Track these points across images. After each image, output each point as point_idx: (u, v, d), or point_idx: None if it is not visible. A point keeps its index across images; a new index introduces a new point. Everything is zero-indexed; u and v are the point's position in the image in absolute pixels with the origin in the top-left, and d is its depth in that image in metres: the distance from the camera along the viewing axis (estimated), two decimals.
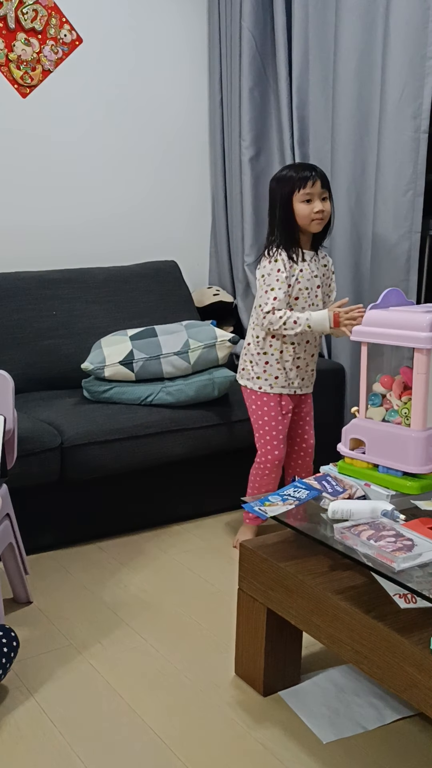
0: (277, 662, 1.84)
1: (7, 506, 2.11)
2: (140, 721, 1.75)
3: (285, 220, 2.40)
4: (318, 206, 2.37)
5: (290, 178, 2.39)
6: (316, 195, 2.37)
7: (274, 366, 2.48)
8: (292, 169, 2.42)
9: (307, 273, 2.44)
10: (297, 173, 2.38)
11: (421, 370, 1.77)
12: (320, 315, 2.36)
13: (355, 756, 1.64)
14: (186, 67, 3.54)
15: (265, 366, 2.49)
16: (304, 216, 2.38)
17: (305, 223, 2.39)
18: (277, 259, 2.40)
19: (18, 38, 3.09)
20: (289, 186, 2.38)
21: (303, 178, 2.36)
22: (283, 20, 3.15)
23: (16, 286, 3.02)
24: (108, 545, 2.66)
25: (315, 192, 2.37)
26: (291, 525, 1.75)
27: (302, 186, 2.36)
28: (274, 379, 2.49)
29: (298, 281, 2.42)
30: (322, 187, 2.39)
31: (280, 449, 2.52)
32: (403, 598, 1.57)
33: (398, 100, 2.65)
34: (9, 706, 1.80)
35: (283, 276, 2.39)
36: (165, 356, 2.74)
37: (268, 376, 2.49)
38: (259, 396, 2.52)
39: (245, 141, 3.33)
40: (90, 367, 2.74)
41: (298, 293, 2.44)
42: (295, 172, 2.39)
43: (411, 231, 2.73)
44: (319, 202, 2.37)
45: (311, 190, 2.36)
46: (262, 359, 2.49)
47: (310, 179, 2.36)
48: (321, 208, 2.37)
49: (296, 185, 2.36)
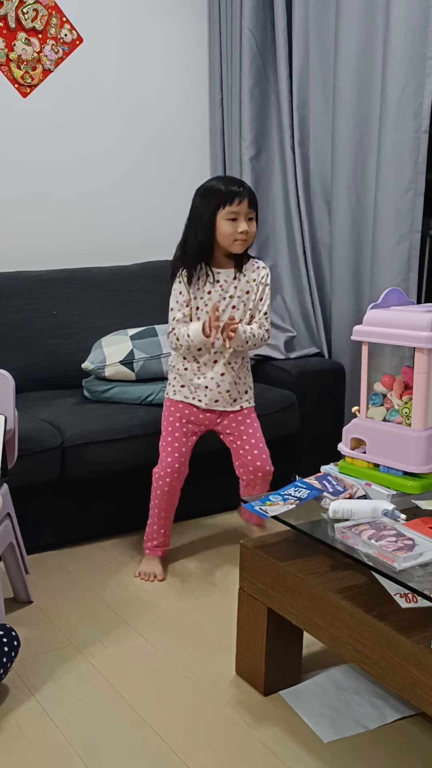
0: (277, 662, 1.84)
1: (7, 506, 2.11)
2: (141, 720, 1.75)
3: (202, 237, 2.23)
4: (243, 226, 2.20)
5: (217, 192, 2.21)
6: (243, 214, 2.21)
7: (182, 376, 2.39)
8: (221, 182, 2.24)
9: (216, 295, 2.29)
10: (225, 186, 2.21)
11: (421, 370, 1.77)
12: (196, 325, 2.24)
13: (355, 755, 1.64)
14: (186, 67, 3.53)
15: (173, 372, 2.42)
16: (226, 235, 2.21)
17: (226, 243, 2.23)
18: (180, 281, 2.30)
19: (18, 38, 3.09)
20: (215, 201, 2.20)
21: (230, 193, 2.19)
22: (284, 20, 3.15)
23: (16, 286, 3.02)
24: (108, 545, 2.66)
25: (241, 211, 2.20)
26: (292, 524, 1.75)
27: (229, 202, 2.18)
28: (180, 387, 2.40)
29: (206, 304, 2.29)
30: (249, 206, 2.22)
31: (171, 459, 2.37)
32: (404, 597, 1.57)
33: (399, 100, 2.66)
34: (10, 706, 1.80)
35: (183, 299, 2.30)
36: (165, 356, 2.74)
37: (175, 383, 2.41)
38: (165, 402, 2.45)
39: (245, 140, 3.33)
40: (90, 367, 2.74)
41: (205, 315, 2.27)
42: (223, 185, 2.22)
43: (411, 231, 2.73)
44: (244, 222, 2.21)
45: (237, 209, 2.19)
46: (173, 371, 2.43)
47: (237, 196, 2.18)
48: (246, 228, 2.21)
49: (222, 201, 2.19)
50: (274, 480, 2.45)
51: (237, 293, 2.31)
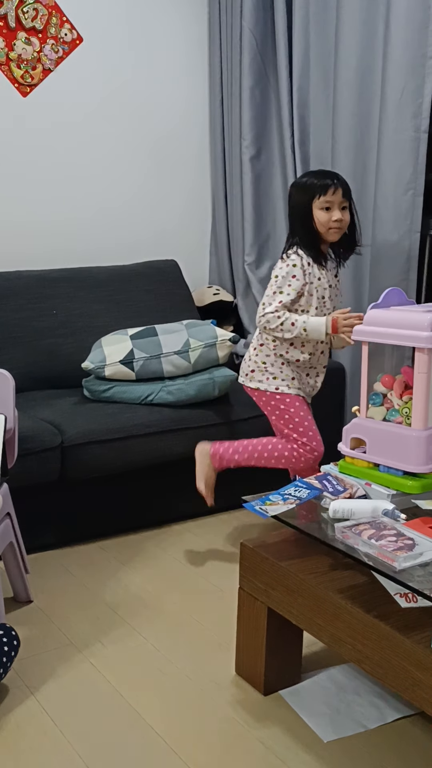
0: (277, 661, 1.84)
1: (7, 505, 2.11)
2: (141, 719, 1.75)
3: (305, 226, 2.35)
4: (337, 215, 2.32)
5: (311, 185, 2.34)
6: (336, 203, 2.32)
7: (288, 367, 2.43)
8: (314, 176, 2.37)
9: (324, 282, 2.39)
10: (318, 180, 2.34)
11: (422, 370, 1.77)
12: (318, 320, 2.31)
13: (355, 755, 1.64)
14: (186, 66, 3.53)
15: (282, 367, 2.43)
16: (322, 223, 2.33)
17: (323, 231, 2.34)
18: (296, 264, 2.34)
19: (18, 37, 3.09)
20: (310, 193, 2.33)
21: (324, 186, 2.31)
22: (284, 19, 3.15)
23: (16, 285, 3.02)
24: (108, 544, 2.66)
25: (335, 200, 2.31)
26: (292, 524, 1.75)
27: (323, 193, 2.31)
28: (291, 380, 2.44)
29: (316, 289, 2.37)
30: (343, 196, 2.34)
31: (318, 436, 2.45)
32: (404, 597, 1.57)
33: (398, 100, 2.66)
34: (9, 705, 1.80)
35: (299, 284, 2.33)
36: (165, 355, 2.74)
37: (285, 376, 2.43)
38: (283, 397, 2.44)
39: (245, 140, 3.33)
40: (90, 367, 2.74)
41: (316, 302, 2.38)
42: (316, 179, 2.34)
43: (411, 230, 2.73)
44: (338, 210, 2.32)
45: (332, 198, 2.31)
46: (278, 361, 2.43)
47: (330, 187, 2.31)
48: (339, 216, 2.32)
49: (316, 192, 2.32)
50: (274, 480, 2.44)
51: (333, 283, 2.45)
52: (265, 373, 2.45)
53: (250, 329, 3.50)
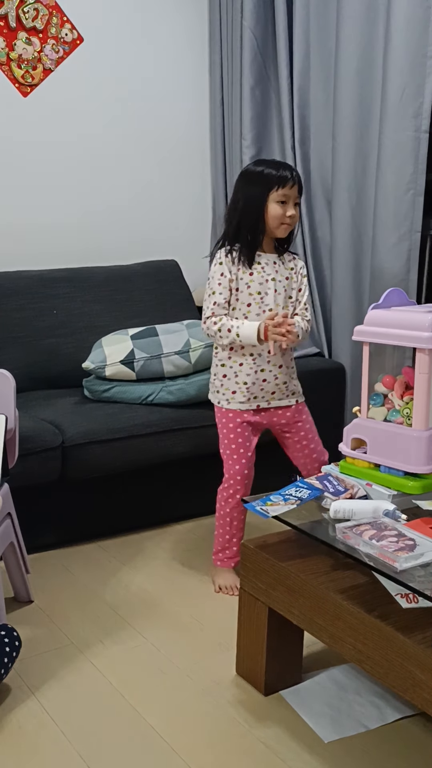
0: (278, 661, 1.84)
1: (8, 505, 2.11)
2: (142, 719, 1.75)
3: (252, 219, 2.21)
4: (291, 210, 2.21)
5: (268, 176, 2.19)
6: (291, 198, 2.21)
7: (231, 380, 2.29)
8: (271, 167, 2.22)
9: (258, 277, 2.24)
10: (277, 171, 2.20)
11: (423, 370, 1.77)
12: (250, 327, 2.18)
13: (356, 755, 1.65)
14: (187, 66, 3.53)
15: (223, 380, 2.31)
16: (275, 217, 2.20)
17: (274, 225, 2.22)
18: (222, 262, 2.24)
19: (19, 37, 3.09)
20: (266, 184, 2.19)
21: (283, 178, 2.19)
22: (285, 19, 3.15)
23: (16, 285, 3.02)
24: (109, 544, 2.66)
25: (291, 195, 2.21)
26: (293, 524, 1.75)
27: (282, 186, 2.18)
28: (231, 393, 2.29)
29: (248, 285, 2.24)
30: (299, 192, 2.24)
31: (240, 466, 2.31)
32: (405, 597, 1.58)
33: (399, 100, 2.66)
34: (11, 705, 1.80)
35: (226, 280, 2.23)
36: (166, 355, 2.74)
37: (225, 390, 2.31)
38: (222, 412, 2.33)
39: (246, 140, 3.33)
40: (91, 366, 2.74)
41: (249, 299, 2.24)
42: (274, 170, 2.20)
43: (411, 230, 2.74)
44: (292, 206, 2.22)
45: (289, 192, 2.20)
46: (220, 371, 2.32)
47: (289, 180, 2.19)
48: (293, 212, 2.21)
49: (274, 182, 2.18)
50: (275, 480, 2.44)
51: (278, 277, 2.28)
52: (212, 384, 2.36)
53: None
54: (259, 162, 2.28)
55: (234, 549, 2.36)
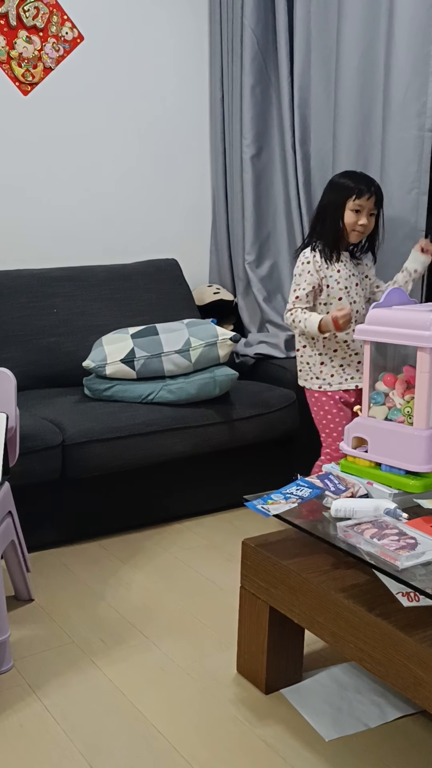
0: (279, 660, 1.84)
1: (9, 504, 2.11)
2: (143, 718, 1.75)
3: (332, 222, 2.50)
4: (363, 220, 2.48)
5: (349, 187, 2.48)
6: (366, 209, 2.48)
7: (328, 365, 2.57)
8: (354, 179, 2.50)
9: (344, 273, 2.54)
10: (356, 184, 2.48)
11: (424, 369, 1.77)
12: (313, 319, 2.45)
13: (357, 753, 1.65)
14: (187, 65, 3.53)
15: (321, 367, 2.58)
16: (348, 224, 2.49)
17: (348, 231, 2.51)
18: (309, 260, 2.51)
19: (19, 36, 3.09)
20: (346, 192, 2.48)
21: (361, 190, 2.47)
22: (285, 18, 3.15)
23: (17, 284, 3.02)
24: (109, 543, 2.66)
25: (366, 206, 2.48)
26: (294, 523, 1.75)
27: (358, 196, 2.46)
28: (330, 377, 2.58)
29: (337, 282, 2.53)
30: (375, 204, 2.49)
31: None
32: (406, 596, 1.58)
33: (402, 99, 2.65)
34: (11, 703, 1.80)
35: (312, 279, 2.50)
36: (166, 354, 2.74)
37: (326, 375, 2.58)
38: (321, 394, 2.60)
39: (246, 139, 3.33)
40: (91, 365, 2.74)
41: (340, 293, 2.53)
42: (353, 183, 2.49)
43: (415, 229, 2.73)
44: (365, 216, 2.49)
45: (363, 203, 2.47)
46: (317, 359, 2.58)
47: (366, 193, 2.47)
48: (365, 222, 2.49)
49: (352, 193, 2.47)
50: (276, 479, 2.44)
51: (356, 272, 2.59)
52: (309, 372, 2.62)
53: (250, 328, 3.50)
54: (344, 174, 2.58)
55: None
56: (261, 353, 3.20)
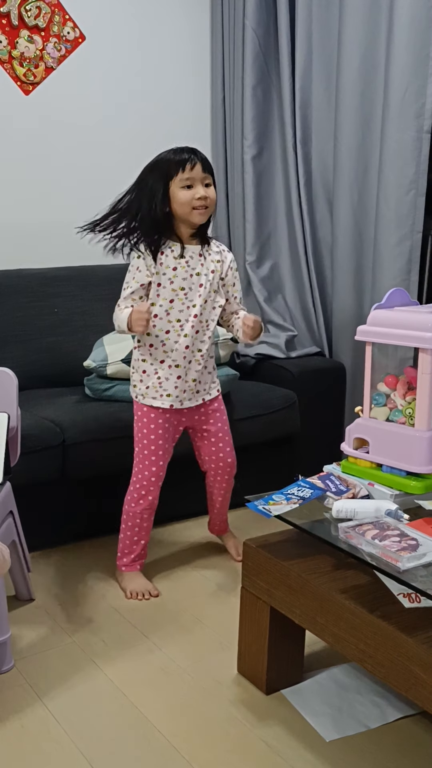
0: (279, 661, 1.84)
1: (10, 504, 2.11)
2: (143, 718, 1.76)
3: (158, 210, 2.08)
4: (200, 192, 2.07)
5: (167, 161, 2.07)
6: (198, 180, 2.07)
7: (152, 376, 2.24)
8: (170, 152, 2.10)
9: (182, 272, 2.14)
10: (175, 156, 2.08)
11: (425, 370, 1.77)
12: (124, 314, 2.13)
13: (358, 754, 1.65)
14: (189, 65, 3.53)
15: (142, 375, 2.27)
16: (183, 203, 2.07)
17: (185, 212, 2.08)
18: (140, 255, 2.16)
19: (21, 35, 3.09)
20: (165, 170, 2.07)
21: (181, 161, 2.06)
22: (287, 19, 3.15)
23: (17, 284, 3.02)
24: (110, 543, 2.66)
25: (196, 176, 2.07)
26: (295, 524, 1.75)
27: (181, 169, 2.05)
28: (145, 388, 2.26)
29: (171, 281, 2.14)
30: (204, 171, 2.08)
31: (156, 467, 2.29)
32: (408, 597, 1.58)
33: (401, 100, 2.66)
34: (12, 704, 1.80)
35: (142, 275, 2.16)
36: None
37: (142, 385, 2.27)
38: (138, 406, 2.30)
39: (247, 140, 3.33)
40: (92, 365, 2.74)
41: (172, 295, 2.15)
42: (173, 155, 2.08)
43: (413, 230, 2.74)
44: (201, 187, 2.07)
45: (192, 174, 2.06)
46: (140, 366, 2.28)
47: (188, 162, 2.05)
48: (204, 194, 2.07)
49: (173, 169, 2.06)
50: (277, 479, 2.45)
51: (204, 271, 2.18)
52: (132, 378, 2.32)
53: None
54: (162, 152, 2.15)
55: (140, 551, 2.34)
56: (262, 354, 3.20)
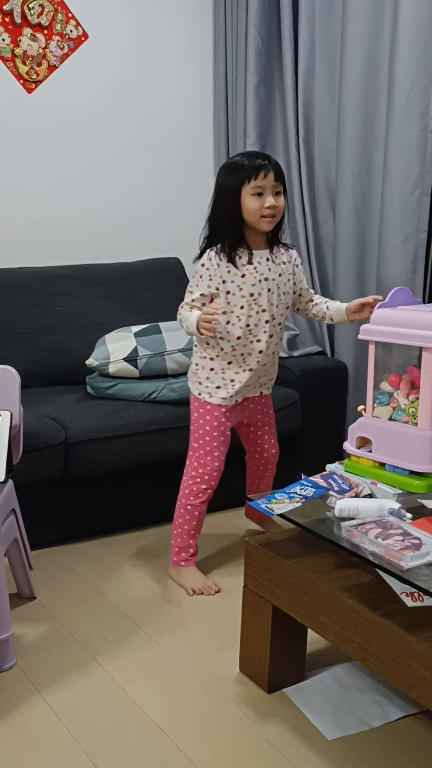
0: (281, 659, 1.84)
1: (12, 502, 2.11)
2: (145, 716, 1.76)
3: (229, 217, 2.11)
4: (269, 201, 2.08)
5: (240, 167, 2.08)
6: (269, 188, 2.08)
7: (219, 374, 2.26)
8: (244, 156, 2.11)
9: (251, 278, 2.16)
10: (249, 161, 2.08)
11: (429, 369, 1.77)
12: (193, 318, 2.16)
13: (359, 753, 1.65)
14: (191, 64, 3.53)
15: (209, 373, 2.27)
16: (252, 211, 2.09)
17: (254, 219, 2.11)
18: (204, 263, 2.18)
19: (24, 33, 3.09)
20: (239, 176, 2.08)
21: (254, 167, 2.06)
22: (290, 17, 3.15)
23: (19, 282, 3.02)
24: (111, 541, 2.67)
25: (267, 185, 2.07)
26: (298, 522, 1.75)
27: (253, 177, 2.06)
28: (216, 388, 2.27)
29: (239, 288, 2.16)
30: (276, 179, 2.09)
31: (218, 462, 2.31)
32: (410, 596, 1.58)
33: (406, 99, 2.65)
34: (15, 701, 1.80)
35: (205, 284, 2.18)
36: (169, 353, 2.75)
37: (209, 384, 2.27)
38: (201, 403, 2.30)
39: (250, 138, 3.33)
40: (94, 364, 2.74)
41: (242, 301, 2.17)
42: (247, 159, 2.09)
43: (418, 230, 2.74)
44: (271, 196, 2.09)
45: (263, 183, 2.07)
46: (206, 364, 2.28)
47: (262, 169, 2.05)
48: (273, 203, 2.08)
49: (246, 176, 2.07)
50: (280, 477, 2.45)
51: (271, 276, 2.20)
52: (194, 376, 2.32)
53: None
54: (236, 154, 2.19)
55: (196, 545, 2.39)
56: None
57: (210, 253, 2.18)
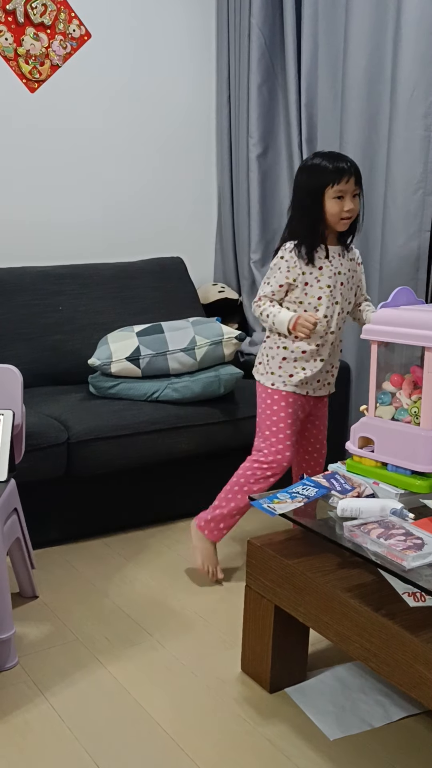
0: (283, 659, 1.84)
1: (14, 501, 2.11)
2: (147, 716, 1.76)
3: (311, 216, 2.21)
4: (348, 205, 2.18)
5: (323, 170, 2.17)
6: (349, 192, 2.18)
7: (291, 363, 2.32)
8: (325, 159, 2.20)
9: (327, 271, 2.26)
10: (331, 164, 2.17)
11: (431, 369, 1.77)
12: (284, 316, 2.23)
13: (361, 753, 1.65)
14: (194, 64, 3.53)
15: (282, 362, 2.33)
16: (333, 214, 2.19)
17: (333, 221, 2.21)
18: (283, 257, 2.26)
19: (27, 33, 3.09)
20: (322, 179, 2.17)
21: (338, 171, 2.16)
22: (293, 17, 3.15)
23: (22, 282, 3.02)
24: (113, 540, 2.67)
25: (348, 189, 2.18)
26: (300, 522, 1.75)
27: (336, 182, 2.16)
28: (288, 377, 2.32)
29: (317, 280, 2.25)
30: (356, 183, 2.20)
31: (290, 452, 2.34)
32: (413, 596, 1.58)
33: (409, 99, 2.65)
34: (17, 701, 1.80)
35: (283, 276, 2.25)
36: (171, 353, 2.74)
37: (282, 373, 2.33)
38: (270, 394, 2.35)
39: (253, 138, 3.33)
40: (96, 363, 2.74)
41: (320, 293, 2.26)
42: (329, 163, 2.18)
43: (420, 230, 2.73)
44: (350, 200, 2.19)
45: (345, 187, 2.17)
46: (279, 354, 2.34)
47: (345, 175, 2.16)
48: (351, 206, 2.19)
49: (329, 180, 2.16)
50: (282, 477, 2.44)
51: (343, 270, 2.31)
52: (266, 366, 2.37)
53: (255, 327, 3.50)
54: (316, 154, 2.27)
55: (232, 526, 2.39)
56: None
57: (288, 245, 2.26)
